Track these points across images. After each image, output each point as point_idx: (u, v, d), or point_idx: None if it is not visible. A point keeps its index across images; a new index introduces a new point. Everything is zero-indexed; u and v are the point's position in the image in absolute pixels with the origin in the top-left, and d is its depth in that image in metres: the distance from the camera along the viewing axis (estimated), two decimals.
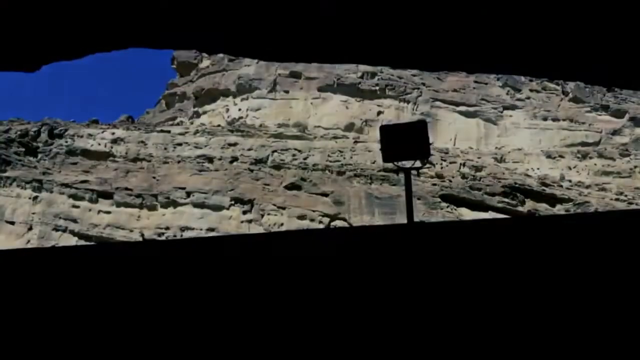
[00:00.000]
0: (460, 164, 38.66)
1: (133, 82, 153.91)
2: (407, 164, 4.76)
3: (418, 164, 4.73)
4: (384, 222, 34.86)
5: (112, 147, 39.83)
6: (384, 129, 4.74)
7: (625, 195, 35.88)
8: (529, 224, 3.26)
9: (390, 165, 4.88)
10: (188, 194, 36.49)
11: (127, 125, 43.80)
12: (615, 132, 41.63)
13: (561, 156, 39.90)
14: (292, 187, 36.97)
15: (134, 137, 40.52)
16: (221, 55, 45.90)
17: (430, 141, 4.62)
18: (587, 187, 36.71)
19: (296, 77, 44.20)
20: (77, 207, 36.69)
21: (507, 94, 43.52)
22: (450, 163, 38.83)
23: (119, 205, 36.96)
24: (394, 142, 4.59)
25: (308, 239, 3.36)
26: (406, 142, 4.56)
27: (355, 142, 40.47)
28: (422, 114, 43.15)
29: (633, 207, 34.38)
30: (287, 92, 43.60)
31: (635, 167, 39.04)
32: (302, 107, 43.30)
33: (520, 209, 34.71)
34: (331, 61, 9.00)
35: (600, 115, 42.49)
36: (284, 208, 35.82)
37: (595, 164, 39.28)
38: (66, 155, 38.97)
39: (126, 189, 37.69)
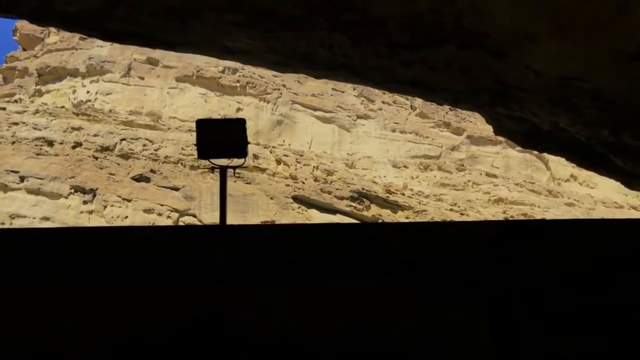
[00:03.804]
0: (314, 167, 39.60)
1: None
2: (224, 162, 4.60)
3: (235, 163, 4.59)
4: (236, 221, 34.55)
5: None
6: (201, 123, 4.52)
7: (459, 206, 39.10)
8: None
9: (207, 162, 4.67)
10: (22, 179, 33.34)
11: None
12: (454, 148, 45.29)
13: (405, 166, 42.50)
14: (140, 178, 35.33)
15: None
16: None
17: (250, 141, 4.50)
18: (426, 196, 39.45)
19: (153, 64, 42.39)
20: None
21: (362, 103, 45.45)
22: (305, 165, 39.61)
23: None
24: (210, 138, 4.42)
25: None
26: (223, 139, 4.41)
27: None
28: (281, 114, 43.57)
29: (464, 217, 37.56)
30: (142, 78, 41.62)
31: (469, 181, 42.77)
32: (158, 95, 41.61)
33: (365, 213, 36.36)
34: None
35: (442, 131, 45.98)
36: (129, 200, 34.10)
37: (435, 176, 42.38)
38: None
39: None
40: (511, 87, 8.03)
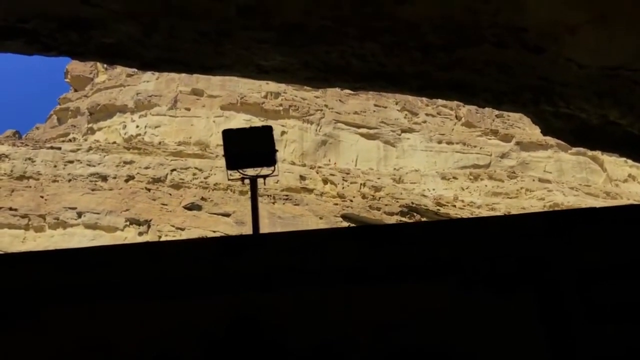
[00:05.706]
0: (361, 184, 39.42)
1: (21, 96, 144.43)
2: (253, 172, 4.54)
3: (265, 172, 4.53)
4: None
5: None
6: (227, 133, 4.49)
7: None
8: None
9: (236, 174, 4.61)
10: (79, 215, 34.54)
11: (13, 140, 40.94)
12: (503, 156, 44.26)
13: (455, 177, 41.75)
14: (192, 207, 36.01)
15: (21, 153, 37.93)
16: (119, 70, 44.30)
17: (276, 148, 4.45)
18: (479, 207, 38.57)
19: (198, 94, 43.43)
20: None
21: (405, 117, 45.11)
22: (351, 183, 39.49)
23: (1, 226, 34.32)
24: (238, 147, 4.37)
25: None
26: (251, 148, 4.36)
27: None
28: (325, 134, 43.73)
29: None
30: (188, 109, 42.67)
31: (522, 188, 41.62)
32: (204, 125, 42.52)
33: None
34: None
35: (490, 139, 45.05)
36: (182, 229, 34.75)
37: (485, 185, 41.44)
38: None
39: (10, 209, 35.11)
40: (554, 82, 7.75)
